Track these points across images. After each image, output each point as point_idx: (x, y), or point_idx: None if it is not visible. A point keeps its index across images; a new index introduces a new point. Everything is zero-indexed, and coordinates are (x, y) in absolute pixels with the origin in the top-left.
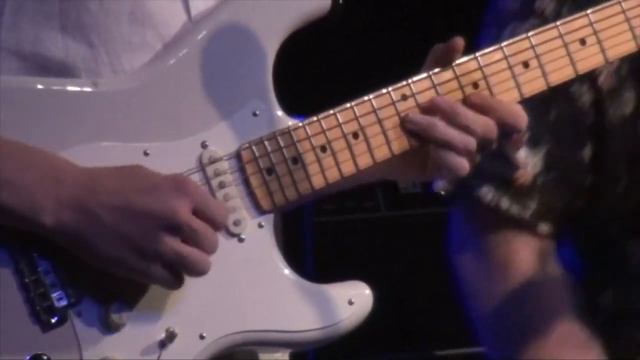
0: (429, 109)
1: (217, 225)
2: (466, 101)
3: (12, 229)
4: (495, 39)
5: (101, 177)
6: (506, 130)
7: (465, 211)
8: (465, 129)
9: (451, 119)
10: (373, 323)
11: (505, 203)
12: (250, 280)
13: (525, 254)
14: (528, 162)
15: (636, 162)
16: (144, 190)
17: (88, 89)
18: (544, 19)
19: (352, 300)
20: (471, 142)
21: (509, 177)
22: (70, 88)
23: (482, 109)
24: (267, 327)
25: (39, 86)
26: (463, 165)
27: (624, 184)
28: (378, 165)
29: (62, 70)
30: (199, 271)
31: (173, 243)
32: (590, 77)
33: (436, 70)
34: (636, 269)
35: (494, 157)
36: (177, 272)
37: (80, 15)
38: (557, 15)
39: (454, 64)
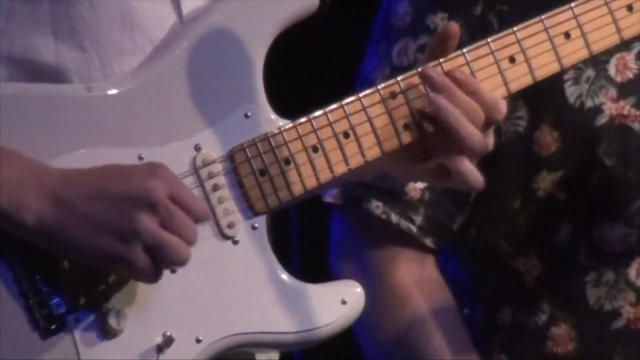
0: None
1: (194, 215)
2: (453, 78)
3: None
4: (385, 55)
5: (77, 174)
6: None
7: (353, 220)
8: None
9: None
10: None
11: (394, 217)
12: (245, 283)
13: (408, 269)
14: None
15: (529, 179)
16: (118, 176)
17: (81, 95)
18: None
19: (345, 300)
20: (479, 112)
21: (398, 191)
22: (63, 94)
23: (467, 90)
24: (263, 329)
25: (32, 92)
26: (477, 177)
27: (519, 202)
28: (367, 166)
29: (54, 75)
30: (179, 258)
31: (151, 223)
32: None
33: (423, 67)
34: (532, 284)
35: None
36: (157, 262)
37: (72, 20)
38: None
39: (441, 60)
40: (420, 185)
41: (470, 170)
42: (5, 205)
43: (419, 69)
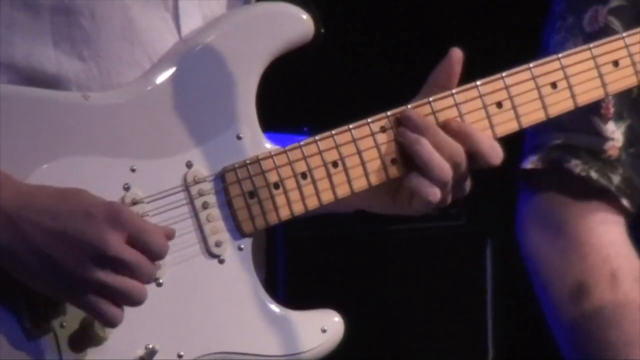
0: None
1: (153, 254)
2: (444, 127)
3: None
4: (574, 26)
5: (38, 195)
6: (477, 161)
7: (548, 187)
8: (436, 147)
9: (424, 134)
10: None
11: (594, 174)
12: (229, 302)
13: (607, 225)
14: (615, 135)
15: None
16: (77, 215)
17: (77, 102)
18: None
19: (325, 328)
20: (446, 169)
21: (598, 149)
22: (60, 100)
23: (454, 134)
24: (244, 350)
25: (28, 95)
26: (434, 193)
27: None
28: (354, 196)
29: (54, 83)
30: (132, 301)
31: (101, 274)
32: None
33: (412, 104)
34: None
35: (583, 131)
36: (113, 304)
37: (72, 30)
38: None
39: (430, 99)
40: (618, 144)
41: (425, 185)
42: None
43: (408, 105)
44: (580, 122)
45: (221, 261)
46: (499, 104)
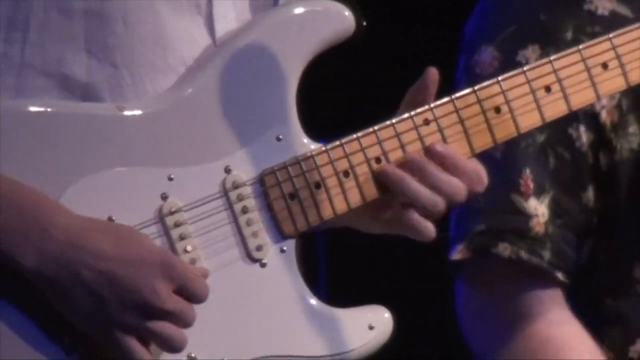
0: (403, 164)
1: (196, 301)
2: (431, 155)
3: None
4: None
5: (92, 235)
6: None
7: (479, 275)
8: (434, 187)
9: (421, 176)
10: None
11: (524, 254)
12: (273, 305)
13: (547, 303)
14: (538, 211)
15: None
16: (131, 262)
17: (113, 114)
18: None
19: (373, 325)
20: (439, 204)
21: (524, 228)
22: (94, 112)
23: (451, 168)
24: (290, 353)
25: (63, 110)
26: (427, 228)
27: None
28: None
29: (86, 90)
30: (173, 347)
31: (144, 321)
32: (589, 117)
33: (458, 94)
34: None
35: (505, 212)
36: (148, 352)
37: (105, 36)
38: None
39: (475, 88)
40: (543, 219)
41: (419, 221)
42: (6, 247)
43: (452, 97)
44: (502, 202)
45: (263, 265)
46: (548, 88)
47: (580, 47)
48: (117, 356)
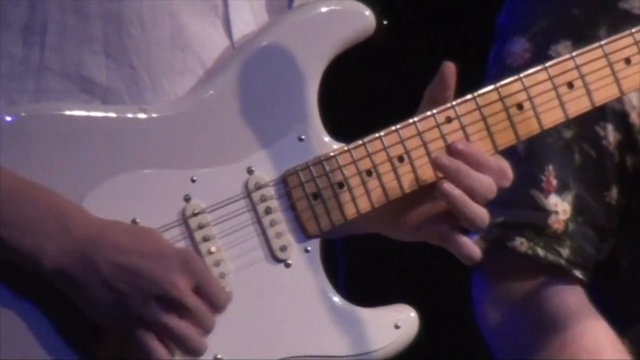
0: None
1: (216, 307)
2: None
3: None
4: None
5: (111, 232)
6: None
7: (496, 269)
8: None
9: (455, 178)
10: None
11: (541, 251)
12: (298, 306)
13: (562, 299)
14: (559, 207)
15: None
16: (150, 255)
17: (134, 116)
18: None
19: (399, 324)
20: (492, 187)
21: (542, 224)
22: (117, 115)
23: (475, 166)
24: (316, 353)
25: (85, 113)
26: (483, 214)
27: None
28: (375, 217)
29: (106, 93)
30: (189, 348)
31: (162, 314)
32: (618, 116)
33: (480, 91)
34: None
35: (524, 207)
36: (165, 347)
37: (122, 39)
38: None
39: (497, 85)
40: (563, 216)
41: (468, 244)
42: (26, 247)
43: (474, 94)
44: (521, 197)
45: (287, 265)
46: (570, 84)
47: (603, 42)
48: (138, 357)
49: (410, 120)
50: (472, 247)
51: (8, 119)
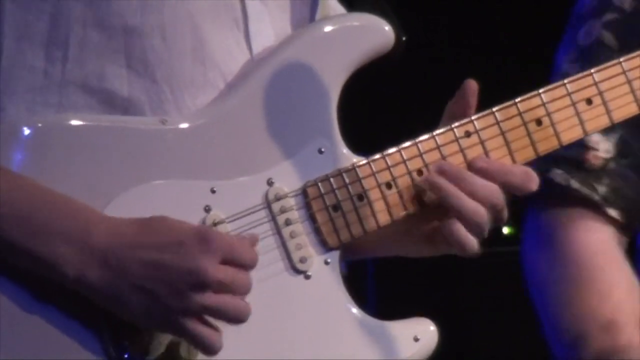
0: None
1: (247, 266)
2: (470, 166)
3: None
4: (572, 40)
5: (129, 231)
6: (514, 192)
7: (538, 199)
8: (472, 194)
9: (458, 184)
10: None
11: (575, 184)
12: (317, 317)
13: (592, 235)
14: (599, 145)
15: None
16: (168, 246)
17: (155, 127)
18: (622, 12)
19: (418, 337)
20: (481, 213)
21: (579, 158)
22: (138, 126)
23: (485, 174)
24: None
25: (107, 124)
26: (470, 241)
27: None
28: (387, 237)
29: (128, 106)
30: (237, 317)
31: (201, 300)
32: None
33: (499, 106)
34: None
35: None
36: (214, 329)
37: (144, 52)
38: (636, 10)
39: (516, 100)
40: (603, 154)
41: (462, 234)
42: (47, 257)
43: (493, 109)
44: None
45: (307, 277)
46: (589, 101)
47: (622, 59)
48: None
49: (429, 134)
50: (466, 236)
51: (30, 129)
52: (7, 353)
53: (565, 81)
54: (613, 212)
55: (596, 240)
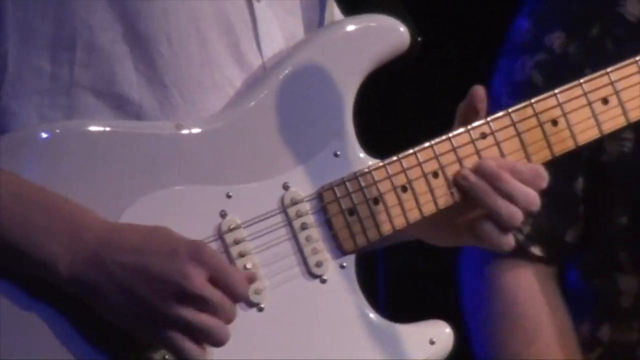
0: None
1: (235, 295)
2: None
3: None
4: (508, 72)
5: (122, 233)
6: None
7: None
8: (509, 197)
9: (495, 184)
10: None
11: None
12: (333, 321)
13: (520, 274)
14: None
15: (636, 197)
16: (161, 252)
17: (170, 132)
18: (551, 54)
19: (433, 340)
20: (517, 215)
21: None
22: (153, 131)
23: (525, 180)
24: None
25: (121, 129)
26: (507, 240)
27: (624, 221)
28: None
29: (139, 109)
30: (214, 340)
31: (182, 310)
32: None
33: (515, 107)
34: (629, 304)
35: None
36: (193, 341)
37: (151, 56)
38: (564, 52)
39: (532, 101)
40: None
41: (500, 236)
42: (40, 256)
43: (509, 110)
44: None
45: (323, 281)
46: (605, 100)
47: (638, 58)
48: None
49: (445, 136)
50: (504, 239)
51: (44, 135)
52: (6, 354)
53: (581, 81)
54: (536, 250)
55: (524, 280)
